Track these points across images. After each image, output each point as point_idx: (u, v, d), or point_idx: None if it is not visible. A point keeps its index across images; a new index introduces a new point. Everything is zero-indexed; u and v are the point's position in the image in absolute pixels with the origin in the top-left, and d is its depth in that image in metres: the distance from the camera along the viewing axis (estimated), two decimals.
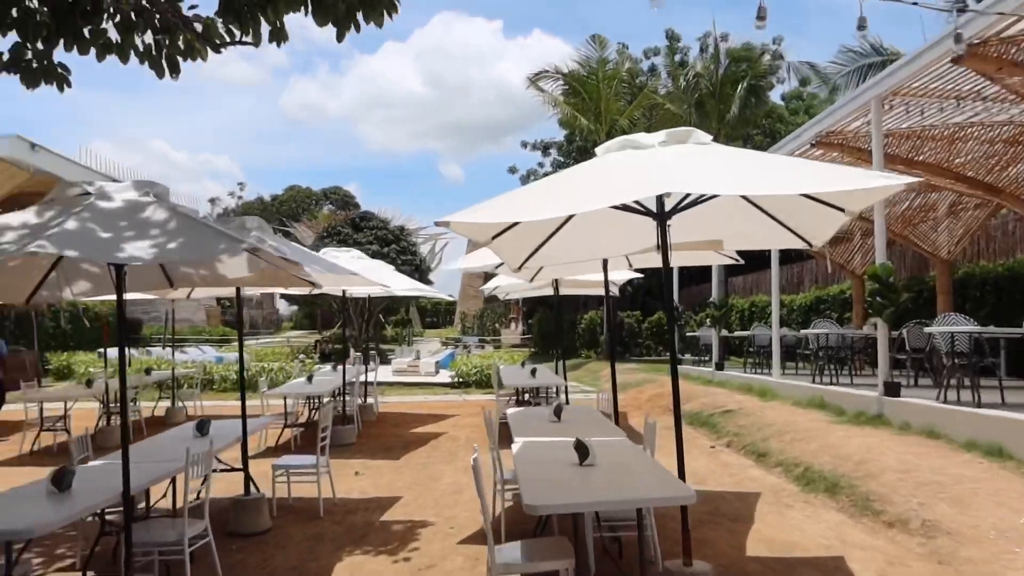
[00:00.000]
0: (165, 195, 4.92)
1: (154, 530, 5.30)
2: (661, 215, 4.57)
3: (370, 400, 13.46)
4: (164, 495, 6.49)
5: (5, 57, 5.89)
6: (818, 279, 20.93)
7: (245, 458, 6.88)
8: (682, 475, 4.38)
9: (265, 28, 6.31)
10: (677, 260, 6.56)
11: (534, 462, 4.78)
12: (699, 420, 11.46)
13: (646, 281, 27.89)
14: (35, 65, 6.02)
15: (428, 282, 31.55)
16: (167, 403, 13.78)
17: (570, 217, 5.42)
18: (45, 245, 3.92)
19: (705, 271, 21.08)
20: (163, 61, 6.27)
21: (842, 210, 4.58)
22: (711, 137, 4.39)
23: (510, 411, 7.51)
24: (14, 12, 5.84)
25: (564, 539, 4.37)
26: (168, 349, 24.94)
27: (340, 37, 6.26)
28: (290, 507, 7.26)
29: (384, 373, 19.02)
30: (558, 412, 6.63)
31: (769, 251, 14.61)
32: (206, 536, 5.37)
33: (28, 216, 4.38)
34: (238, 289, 6.92)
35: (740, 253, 7.25)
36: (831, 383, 11.78)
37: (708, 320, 17.13)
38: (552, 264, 6.34)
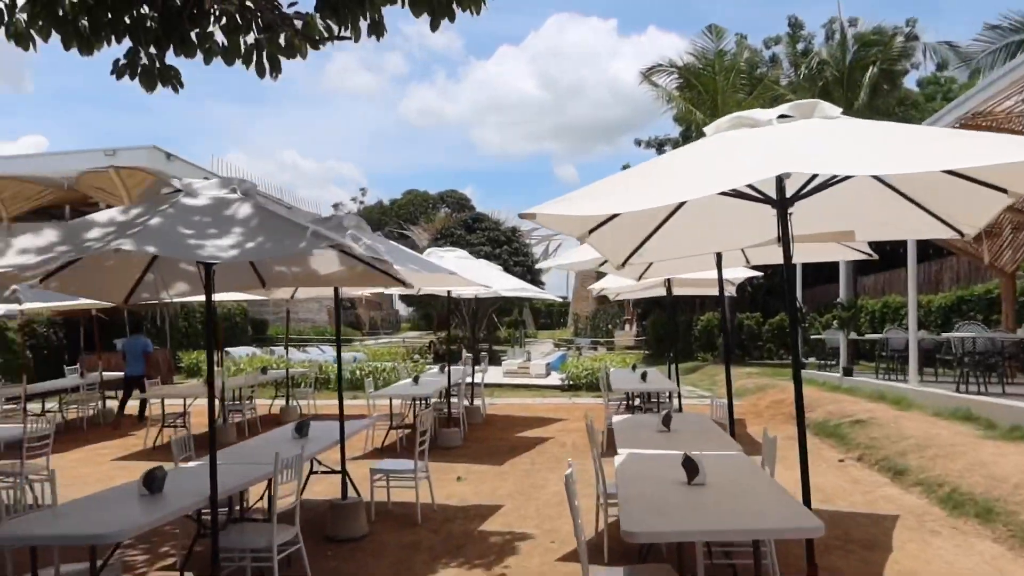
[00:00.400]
0: (253, 191, 4.80)
1: (247, 534, 5.20)
2: (782, 202, 4.01)
3: (477, 402, 13.26)
4: (261, 497, 6.44)
5: (121, 63, 6.07)
6: (959, 277, 19.16)
7: (343, 460, 6.75)
8: (807, 500, 3.82)
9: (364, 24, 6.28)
10: (800, 255, 5.91)
11: (637, 479, 4.32)
12: (825, 430, 10.56)
13: (767, 280, 26.57)
14: (151, 70, 6.16)
15: (540, 283, 31.35)
16: (283, 401, 14.11)
17: (679, 206, 4.92)
18: (126, 243, 3.83)
19: (832, 270, 19.70)
20: (264, 61, 6.31)
21: (1004, 191, 3.87)
22: (840, 110, 3.81)
23: (615, 419, 7.05)
24: (127, 19, 5.99)
25: (669, 567, 3.90)
26: (289, 348, 25.86)
27: (435, 27, 6.11)
28: (388, 512, 7.09)
29: (495, 374, 18.88)
30: (667, 421, 6.12)
31: (903, 247, 13.40)
32: (297, 543, 5.22)
33: (115, 214, 4.34)
34: (336, 289, 6.82)
35: (871, 248, 6.50)
36: (979, 392, 10.58)
37: (835, 322, 15.95)
38: (659, 260, 5.84)
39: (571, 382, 17.03)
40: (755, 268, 8.18)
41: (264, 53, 6.32)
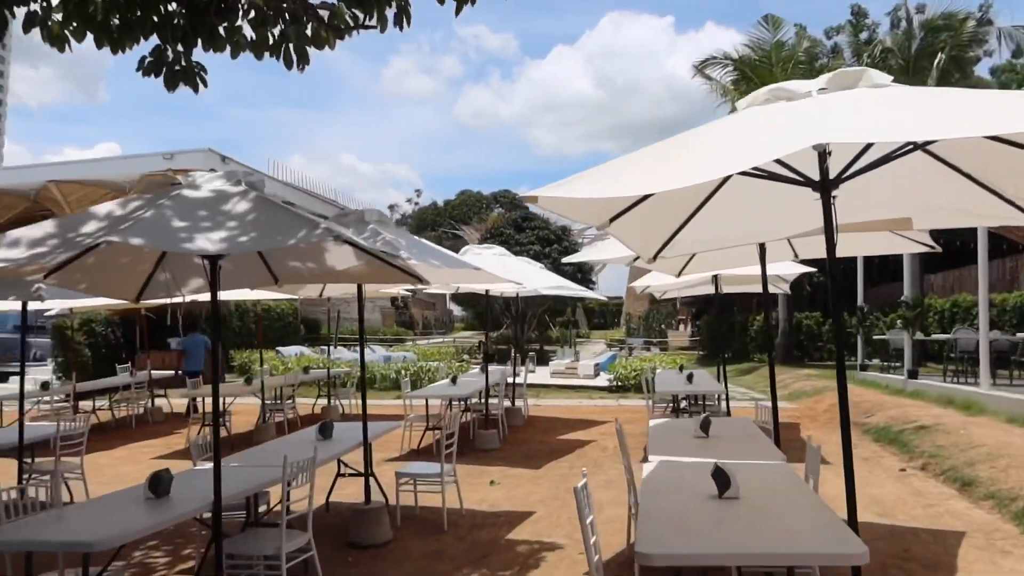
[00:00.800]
0: (259, 185, 4.57)
1: (260, 540, 4.99)
2: (824, 184, 3.57)
3: (519, 403, 12.92)
4: (280, 501, 6.24)
5: (148, 60, 6.01)
6: None
7: (366, 463, 6.51)
8: (853, 518, 3.37)
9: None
10: (852, 247, 5.43)
11: (663, 491, 3.95)
12: (887, 436, 9.90)
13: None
14: (176, 68, 6.08)
15: (591, 282, 30.84)
16: (325, 401, 14.04)
17: (713, 192, 4.51)
18: (113, 236, 3.64)
19: (897, 267, 18.75)
20: (292, 52, 6.22)
21: None
22: (891, 78, 3.36)
23: (652, 422, 6.65)
24: (155, 17, 5.90)
25: None
26: (339, 347, 26.01)
27: (458, 11, 5.96)
28: (415, 517, 6.83)
29: (543, 375, 18.54)
30: (705, 426, 5.70)
31: (974, 242, 12.55)
32: (309, 550, 5.00)
33: (113, 207, 4.16)
34: (360, 286, 6.59)
35: (938, 242, 5.95)
36: None
37: (899, 321, 15.11)
38: (695, 252, 5.42)
39: (619, 383, 16.54)
40: (804, 263, 7.67)
41: (291, 45, 6.23)
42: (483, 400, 11.09)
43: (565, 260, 9.29)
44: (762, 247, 5.85)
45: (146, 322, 15.52)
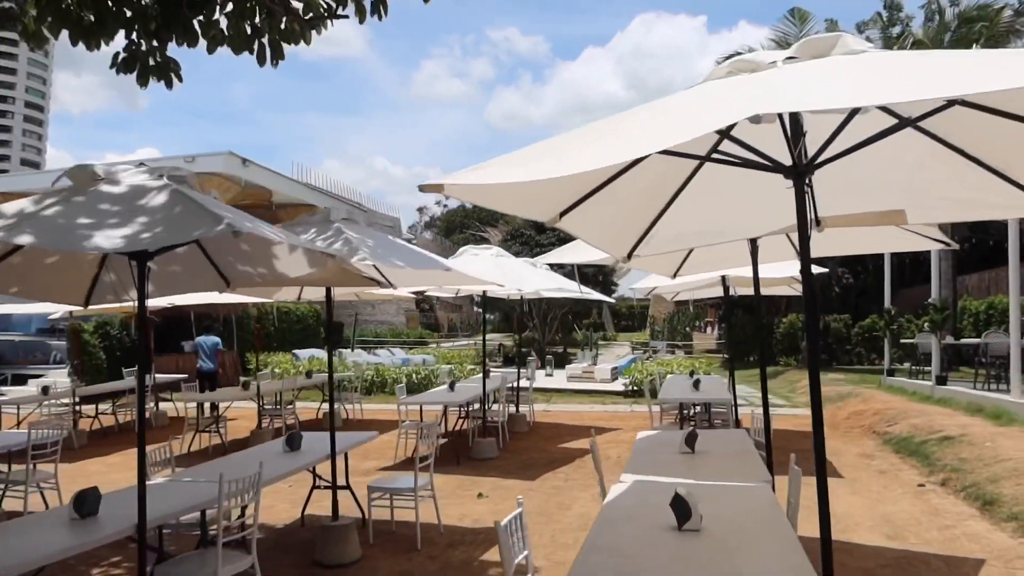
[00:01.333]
0: (189, 179, 4.20)
1: (199, 563, 4.63)
2: (797, 169, 3.11)
3: (524, 408, 12.48)
4: (240, 516, 5.90)
5: (122, 56, 5.85)
6: None
7: (334, 476, 6.14)
8: (827, 558, 2.89)
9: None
10: (848, 244, 4.93)
11: (620, 519, 3.50)
12: (908, 447, 9.26)
13: (859, 280, 24.69)
14: (151, 63, 5.91)
15: (613, 284, 30.28)
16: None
17: (685, 184, 4.05)
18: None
19: (929, 267, 17.94)
20: (267, 47, 6.04)
21: None
22: (870, 45, 2.88)
23: (640, 435, 6.18)
24: (128, 12, 5.71)
25: None
26: (358, 350, 25.82)
27: None
28: (390, 534, 6.44)
29: (560, 379, 18.11)
30: (691, 440, 5.23)
31: (1005, 240, 11.82)
32: (253, 574, 4.63)
33: (25, 204, 3.83)
34: (328, 289, 6.23)
35: (970, 241, 5.39)
36: None
37: (927, 324, 14.39)
38: (676, 249, 4.95)
39: (634, 388, 16.00)
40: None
41: (267, 39, 6.06)
42: (483, 406, 10.67)
43: (546, 259, 8.84)
44: (753, 243, 5.35)
45: (152, 326, 15.36)
